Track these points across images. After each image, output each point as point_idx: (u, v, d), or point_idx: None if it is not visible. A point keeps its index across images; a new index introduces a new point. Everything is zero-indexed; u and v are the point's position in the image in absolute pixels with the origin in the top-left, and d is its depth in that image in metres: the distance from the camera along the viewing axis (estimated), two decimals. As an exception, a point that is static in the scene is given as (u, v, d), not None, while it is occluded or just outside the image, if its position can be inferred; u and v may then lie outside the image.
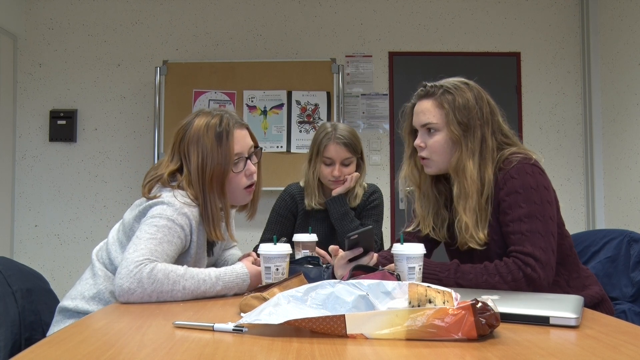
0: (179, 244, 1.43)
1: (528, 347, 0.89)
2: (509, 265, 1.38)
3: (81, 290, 1.48)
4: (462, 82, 1.54)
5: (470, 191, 1.46)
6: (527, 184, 1.42)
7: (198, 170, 1.51)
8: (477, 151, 1.48)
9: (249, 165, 1.58)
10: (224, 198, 1.54)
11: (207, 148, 1.51)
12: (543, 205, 1.41)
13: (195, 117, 1.57)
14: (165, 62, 4.01)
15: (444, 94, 1.51)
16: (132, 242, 1.37)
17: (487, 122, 1.51)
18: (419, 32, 4.23)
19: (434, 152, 1.52)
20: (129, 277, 1.28)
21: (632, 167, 3.68)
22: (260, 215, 1.81)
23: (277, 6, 4.22)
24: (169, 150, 1.60)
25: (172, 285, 1.30)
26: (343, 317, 0.93)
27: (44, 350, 0.89)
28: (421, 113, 1.54)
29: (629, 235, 2.09)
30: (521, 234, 1.40)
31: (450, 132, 1.49)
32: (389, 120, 4.19)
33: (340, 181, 2.22)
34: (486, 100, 1.53)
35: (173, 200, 1.45)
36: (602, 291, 1.52)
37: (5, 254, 2.75)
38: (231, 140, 1.53)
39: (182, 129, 1.57)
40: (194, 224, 1.47)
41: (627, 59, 3.74)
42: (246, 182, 1.58)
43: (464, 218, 1.46)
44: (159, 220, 1.40)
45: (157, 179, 1.53)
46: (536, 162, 1.47)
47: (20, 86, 4.15)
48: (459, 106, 1.49)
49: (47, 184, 4.12)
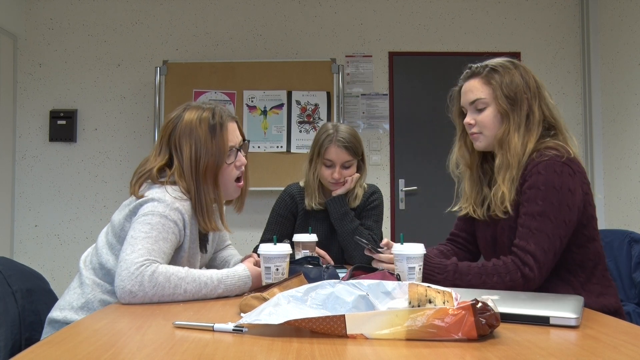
0: (174, 240, 1.42)
1: (528, 347, 0.89)
2: (508, 266, 1.38)
3: (69, 300, 1.46)
4: (507, 61, 1.57)
5: (513, 163, 1.48)
6: (550, 182, 1.41)
7: (191, 162, 1.50)
8: (523, 124, 1.50)
9: (239, 156, 1.59)
10: (217, 189, 1.54)
11: (200, 140, 1.51)
12: (560, 207, 1.40)
13: (184, 110, 1.56)
14: (165, 62, 4.01)
15: (490, 72, 1.54)
16: (127, 242, 1.35)
17: (535, 95, 1.52)
18: (419, 32, 4.23)
19: (484, 127, 1.54)
20: (130, 280, 1.27)
21: (632, 167, 3.68)
22: (260, 216, 1.82)
23: (277, 6, 4.22)
24: (157, 145, 1.58)
25: (173, 288, 1.30)
26: (343, 317, 0.93)
27: (44, 350, 0.88)
28: (469, 92, 1.56)
29: (629, 235, 2.09)
30: (529, 229, 1.40)
31: (499, 105, 1.51)
32: (389, 120, 4.19)
33: (341, 183, 2.22)
34: (532, 75, 1.56)
35: (163, 196, 1.44)
36: (617, 303, 1.50)
37: (5, 254, 2.75)
38: (225, 132, 1.54)
39: (171, 123, 1.56)
40: (187, 218, 1.46)
41: (627, 59, 3.74)
42: (237, 173, 1.59)
43: (502, 188, 1.48)
44: (151, 218, 1.39)
45: (145, 175, 1.52)
46: (569, 161, 1.44)
47: (20, 86, 4.15)
48: (506, 82, 1.51)
49: (47, 184, 4.12)
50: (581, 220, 1.46)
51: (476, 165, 1.64)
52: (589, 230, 1.48)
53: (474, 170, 1.64)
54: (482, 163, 1.65)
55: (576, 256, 1.47)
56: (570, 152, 1.47)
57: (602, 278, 1.51)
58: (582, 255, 1.47)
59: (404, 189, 4.19)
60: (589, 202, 1.48)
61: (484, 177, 1.64)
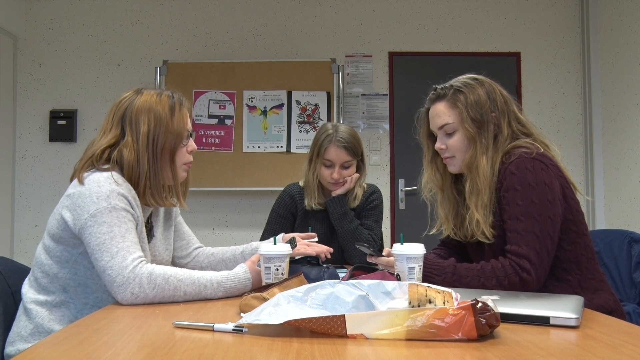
0: (133, 227, 1.37)
1: (528, 347, 0.89)
2: (507, 269, 1.38)
3: (17, 331, 1.39)
4: (471, 79, 1.55)
5: (482, 187, 1.47)
6: (525, 180, 1.40)
7: (149, 138, 1.45)
8: (490, 145, 1.49)
9: (190, 141, 1.56)
10: (174, 167, 1.51)
11: (160, 117, 1.47)
12: (541, 203, 1.39)
13: (137, 93, 1.52)
14: (165, 62, 4.01)
15: (455, 94, 1.52)
16: (97, 250, 1.30)
17: (503, 113, 1.52)
18: (419, 32, 4.23)
19: (457, 151, 1.53)
20: (128, 284, 1.26)
21: (632, 167, 3.68)
22: (260, 215, 1.82)
23: (277, 6, 4.22)
24: (105, 124, 1.51)
25: (172, 291, 1.29)
26: (343, 317, 0.93)
27: (44, 350, 0.88)
28: (436, 116, 1.56)
29: (630, 235, 2.09)
30: (517, 232, 1.39)
31: (466, 130, 1.50)
32: (389, 120, 4.19)
33: (340, 183, 2.22)
34: (498, 91, 1.54)
35: (100, 186, 1.36)
36: (614, 299, 1.50)
37: (5, 254, 2.74)
38: (184, 112, 1.53)
39: (126, 100, 1.50)
40: (131, 199, 1.40)
41: (627, 59, 3.74)
42: (188, 158, 1.55)
43: (475, 215, 1.47)
44: (102, 217, 1.32)
45: (89, 161, 1.45)
46: (539, 155, 1.44)
47: (20, 86, 4.15)
48: (471, 103, 1.50)
49: (47, 184, 4.12)
50: (566, 215, 1.45)
51: (448, 186, 1.63)
52: (577, 224, 1.47)
53: (446, 192, 1.63)
54: (455, 182, 1.63)
55: (569, 254, 1.46)
56: (540, 148, 1.46)
57: (596, 272, 1.51)
58: (575, 251, 1.47)
59: (404, 189, 4.19)
60: (569, 196, 1.46)
61: (459, 197, 1.62)
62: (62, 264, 1.40)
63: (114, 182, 1.38)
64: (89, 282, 1.40)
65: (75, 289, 1.40)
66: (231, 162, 3.95)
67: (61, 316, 1.39)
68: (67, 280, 1.40)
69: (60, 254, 1.40)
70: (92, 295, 1.41)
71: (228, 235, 4.08)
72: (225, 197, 4.06)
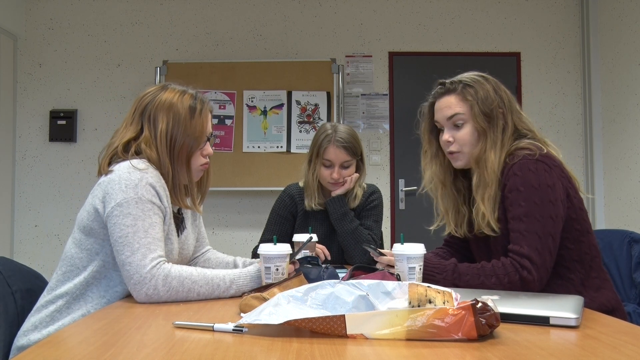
0: (159, 221, 1.37)
1: (528, 347, 0.89)
2: (507, 267, 1.38)
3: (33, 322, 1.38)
4: (478, 75, 1.56)
5: (490, 180, 1.47)
6: (528, 181, 1.41)
7: (166, 137, 1.45)
8: (499, 140, 1.50)
9: (207, 146, 1.56)
10: (189, 170, 1.51)
11: (179, 117, 1.46)
12: (543, 204, 1.39)
13: (162, 89, 1.52)
14: (165, 62, 4.01)
15: (465, 88, 1.53)
16: (119, 243, 1.31)
17: (509, 110, 1.53)
18: (419, 32, 4.23)
19: (464, 145, 1.53)
20: (144, 284, 1.27)
21: (632, 167, 3.68)
22: (260, 216, 1.81)
23: (277, 6, 4.22)
24: (128, 116, 1.50)
25: (186, 293, 1.31)
26: (343, 317, 0.93)
27: (44, 350, 0.88)
28: (446, 107, 1.55)
29: (630, 235, 2.09)
30: (519, 232, 1.40)
31: (476, 123, 1.50)
32: (389, 120, 4.19)
33: (340, 183, 2.22)
34: (503, 88, 1.56)
35: (129, 174, 1.35)
36: (616, 298, 1.50)
37: (5, 254, 2.74)
38: (205, 116, 1.52)
39: (148, 95, 1.50)
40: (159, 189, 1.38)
41: (627, 59, 3.74)
42: (203, 161, 1.55)
43: (482, 207, 1.47)
44: (127, 206, 1.32)
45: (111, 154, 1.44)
46: (542, 157, 1.44)
47: (20, 86, 4.15)
48: (481, 97, 1.50)
49: (47, 184, 4.12)
50: (570, 214, 1.45)
51: (449, 182, 1.63)
52: (581, 223, 1.47)
53: (447, 187, 1.63)
54: (454, 180, 1.64)
55: (573, 252, 1.46)
56: (543, 148, 1.47)
57: (600, 271, 1.51)
58: (578, 250, 1.47)
59: (404, 189, 4.19)
60: (573, 195, 1.47)
61: (458, 194, 1.63)
62: (92, 255, 1.40)
63: (144, 169, 1.38)
64: (113, 275, 1.40)
65: (99, 282, 1.40)
66: (231, 162, 3.95)
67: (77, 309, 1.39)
68: (94, 272, 1.39)
69: (91, 246, 1.40)
70: (111, 290, 1.40)
71: (228, 235, 4.08)
72: (225, 197, 4.06)
